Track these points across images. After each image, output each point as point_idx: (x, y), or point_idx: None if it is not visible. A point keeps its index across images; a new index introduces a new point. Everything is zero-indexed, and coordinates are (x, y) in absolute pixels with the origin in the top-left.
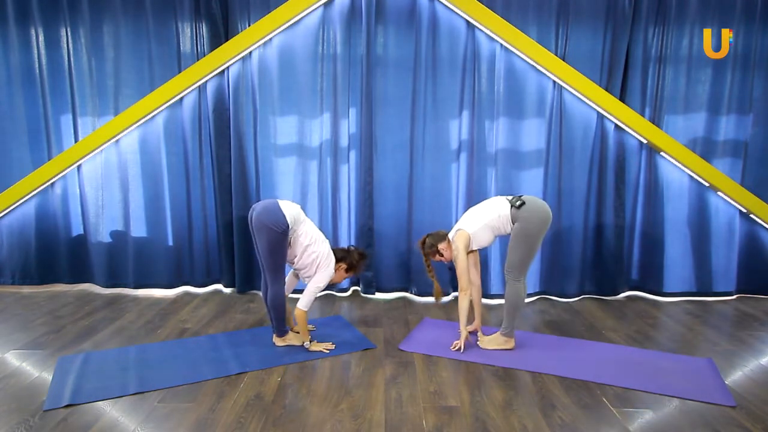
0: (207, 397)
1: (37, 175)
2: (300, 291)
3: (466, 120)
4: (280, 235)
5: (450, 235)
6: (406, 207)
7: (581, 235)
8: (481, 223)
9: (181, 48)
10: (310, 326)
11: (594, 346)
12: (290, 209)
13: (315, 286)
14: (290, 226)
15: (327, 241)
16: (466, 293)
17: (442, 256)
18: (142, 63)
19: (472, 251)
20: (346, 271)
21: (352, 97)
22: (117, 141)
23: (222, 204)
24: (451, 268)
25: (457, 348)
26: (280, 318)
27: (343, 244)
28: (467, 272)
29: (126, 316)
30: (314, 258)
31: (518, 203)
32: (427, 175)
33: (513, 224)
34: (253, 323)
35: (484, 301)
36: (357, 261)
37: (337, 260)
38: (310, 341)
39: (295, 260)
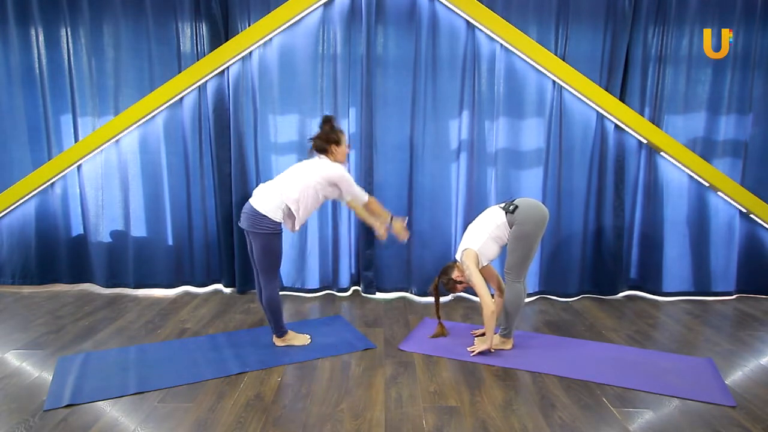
0: (207, 397)
1: (37, 175)
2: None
3: (466, 120)
4: (272, 235)
5: (457, 257)
6: (406, 207)
7: (581, 235)
8: (484, 236)
9: (181, 48)
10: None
11: (594, 346)
12: (266, 203)
13: (344, 179)
14: (282, 218)
15: (298, 183)
16: (494, 312)
17: (461, 283)
18: (142, 63)
19: (483, 267)
20: (338, 144)
21: (352, 97)
22: (117, 141)
23: (222, 204)
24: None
25: (472, 351)
26: (277, 319)
27: (344, 243)
28: (486, 289)
29: (126, 316)
30: (303, 193)
31: (512, 208)
32: (427, 175)
33: (510, 229)
34: (253, 323)
35: None
36: (334, 133)
37: (331, 142)
38: (392, 219)
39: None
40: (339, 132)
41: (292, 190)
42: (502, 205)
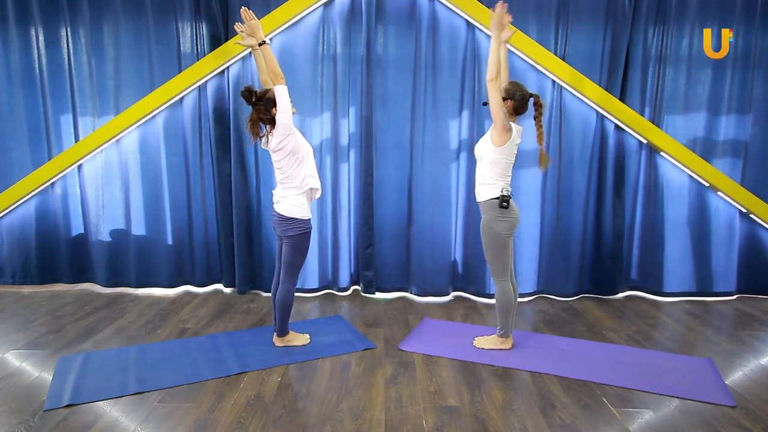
0: (207, 397)
1: (37, 175)
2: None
3: (466, 120)
4: (303, 235)
5: (511, 123)
6: (406, 207)
7: (580, 235)
8: (500, 158)
9: (181, 48)
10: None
11: (594, 346)
12: (289, 205)
13: (281, 122)
14: (308, 208)
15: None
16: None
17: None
18: (142, 63)
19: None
20: (276, 104)
21: (352, 97)
22: (117, 141)
23: (222, 204)
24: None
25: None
26: (284, 317)
27: (343, 242)
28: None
29: (126, 316)
30: (298, 170)
31: (504, 203)
32: (427, 175)
33: (481, 202)
34: (253, 323)
35: (484, 300)
36: (265, 101)
37: (270, 111)
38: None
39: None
40: (265, 94)
41: (294, 176)
42: (508, 188)
